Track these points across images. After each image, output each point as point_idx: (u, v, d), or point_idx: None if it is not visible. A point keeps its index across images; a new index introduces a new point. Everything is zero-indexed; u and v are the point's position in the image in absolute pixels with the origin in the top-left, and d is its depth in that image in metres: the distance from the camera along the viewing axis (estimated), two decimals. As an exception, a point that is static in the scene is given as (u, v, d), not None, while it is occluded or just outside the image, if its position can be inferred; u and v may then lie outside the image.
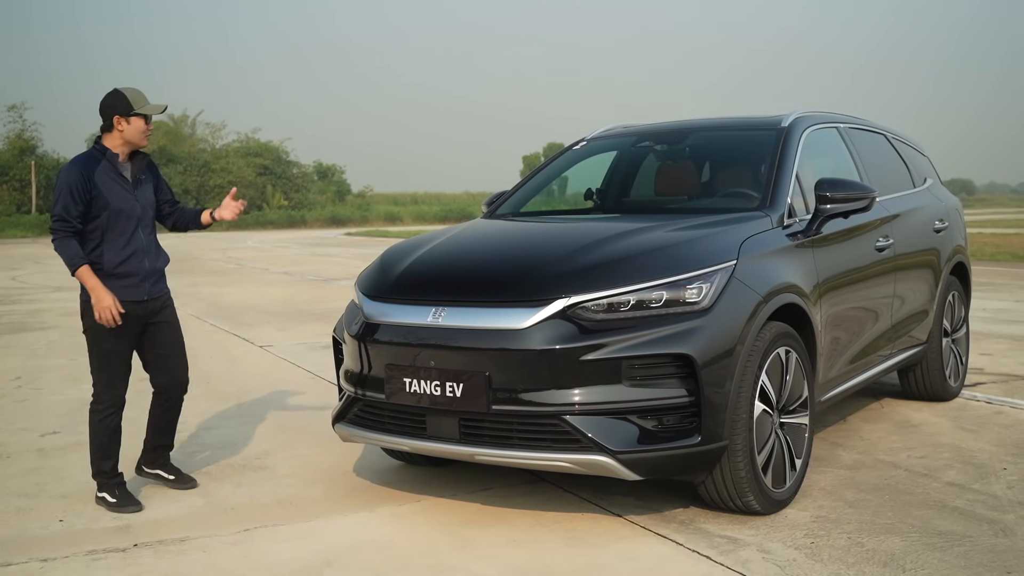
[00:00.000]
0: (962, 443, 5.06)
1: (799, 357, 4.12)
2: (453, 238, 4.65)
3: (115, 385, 4.25)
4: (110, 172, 4.19)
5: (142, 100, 4.23)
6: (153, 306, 4.32)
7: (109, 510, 4.17)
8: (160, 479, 4.49)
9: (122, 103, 4.18)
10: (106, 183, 4.17)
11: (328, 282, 16.05)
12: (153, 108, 4.24)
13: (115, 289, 4.15)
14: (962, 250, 6.40)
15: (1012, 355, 7.77)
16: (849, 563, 3.43)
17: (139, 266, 4.24)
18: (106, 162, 4.19)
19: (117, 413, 4.27)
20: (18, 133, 48.69)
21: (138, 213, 4.25)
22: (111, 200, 4.16)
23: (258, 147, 55.74)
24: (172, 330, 4.42)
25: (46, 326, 10.73)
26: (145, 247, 4.28)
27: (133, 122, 4.19)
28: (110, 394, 4.24)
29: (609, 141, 5.79)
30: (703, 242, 4.04)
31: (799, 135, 4.88)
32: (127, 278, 4.20)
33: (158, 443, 4.51)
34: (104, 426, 4.24)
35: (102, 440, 4.25)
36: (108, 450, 4.26)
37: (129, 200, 4.22)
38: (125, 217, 4.20)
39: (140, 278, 4.24)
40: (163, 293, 4.39)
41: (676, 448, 3.62)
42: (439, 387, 3.77)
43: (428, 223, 49.97)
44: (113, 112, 4.18)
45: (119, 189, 4.20)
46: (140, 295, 4.25)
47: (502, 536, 3.79)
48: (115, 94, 4.21)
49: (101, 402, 4.24)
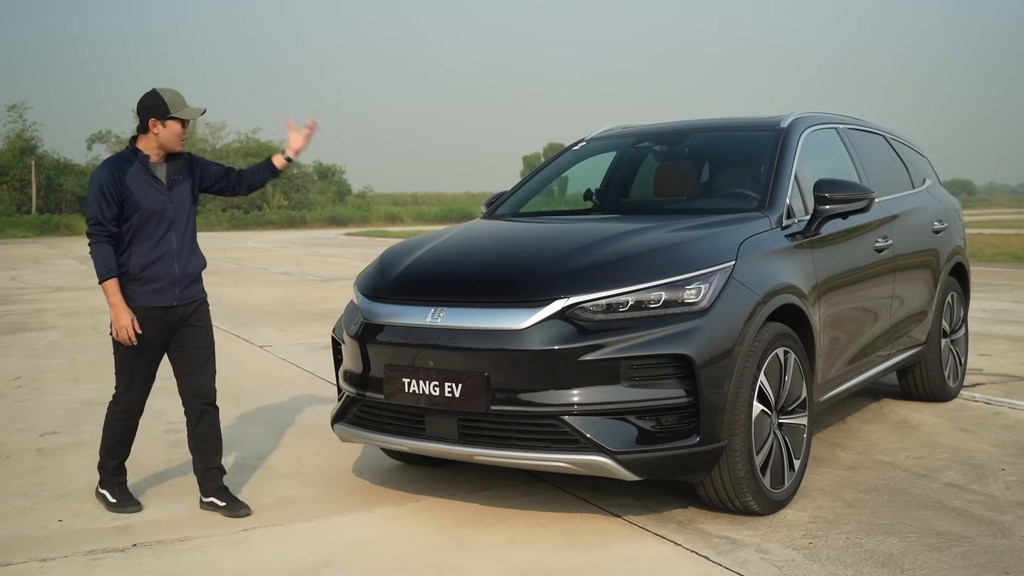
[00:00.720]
0: (961, 444, 5.06)
1: (798, 358, 4.12)
2: (452, 238, 4.65)
3: (134, 390, 4.14)
4: (142, 173, 4.03)
5: (180, 103, 4.04)
6: (183, 312, 4.13)
7: (108, 509, 4.16)
8: (214, 507, 4.17)
9: (159, 105, 4.00)
10: (137, 184, 4.01)
11: (328, 282, 16.05)
12: (191, 112, 4.07)
13: (142, 294, 4.02)
14: (961, 251, 6.40)
15: (1011, 356, 7.78)
16: (847, 563, 3.43)
17: (167, 270, 4.06)
18: (138, 163, 4.04)
19: (132, 418, 4.19)
20: (18, 133, 48.74)
21: (171, 215, 4.07)
22: (142, 201, 4.00)
23: (258, 147, 55.72)
24: (204, 335, 4.21)
25: (46, 326, 10.72)
26: (176, 250, 4.09)
27: (169, 126, 4.02)
28: (127, 398, 4.15)
29: (608, 142, 5.79)
30: (702, 243, 4.04)
31: (798, 136, 4.88)
32: (154, 283, 4.04)
33: (206, 467, 4.21)
34: (116, 428, 4.18)
35: (112, 440, 4.19)
36: (115, 450, 4.21)
37: (162, 201, 4.05)
38: (156, 219, 4.03)
39: (168, 283, 4.06)
40: (196, 298, 4.18)
41: (675, 448, 3.62)
42: (438, 387, 3.77)
43: (428, 223, 49.97)
44: (150, 114, 4.00)
45: (151, 190, 4.03)
46: (168, 301, 4.07)
47: (501, 536, 3.80)
48: (152, 95, 4.03)
49: (119, 404, 4.17)
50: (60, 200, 48.50)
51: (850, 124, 5.66)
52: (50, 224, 43.69)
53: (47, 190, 48.12)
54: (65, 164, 49.87)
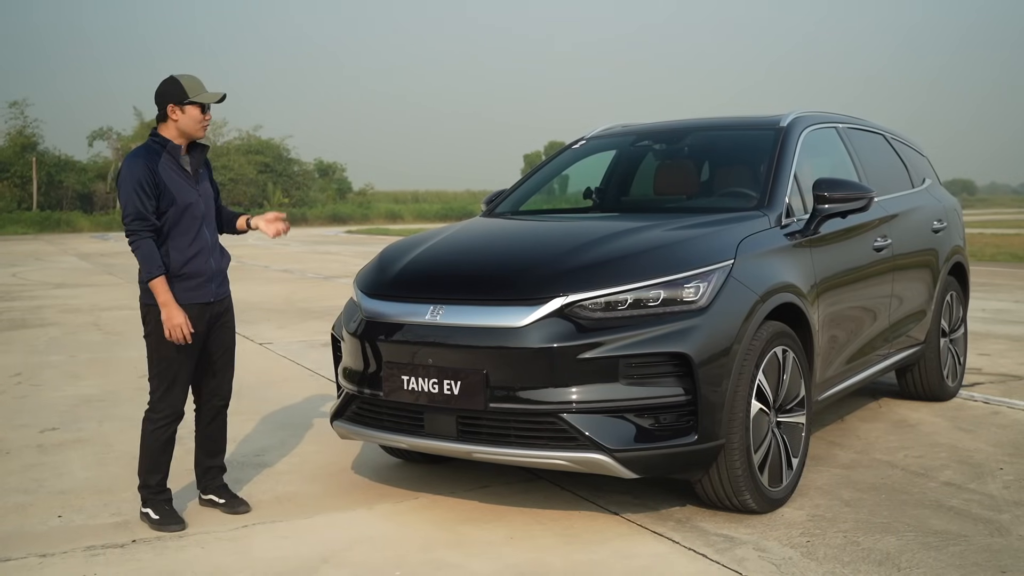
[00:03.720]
0: (959, 443, 5.07)
1: (796, 356, 4.13)
2: (452, 236, 4.66)
3: (174, 394, 3.94)
4: (172, 165, 3.89)
5: (198, 87, 3.93)
6: (218, 309, 4.03)
7: (152, 527, 3.90)
8: (212, 503, 4.14)
9: (176, 91, 3.88)
10: (171, 176, 3.87)
11: (328, 280, 16.06)
12: (210, 96, 3.94)
13: (181, 292, 3.87)
14: (960, 250, 6.41)
15: (1010, 355, 7.78)
16: (845, 562, 3.44)
17: (205, 266, 3.94)
18: (167, 154, 3.89)
19: (173, 424, 3.97)
20: (19, 129, 48.76)
21: (202, 209, 3.97)
22: (177, 195, 3.87)
23: (259, 144, 55.78)
24: (229, 336, 4.13)
25: (46, 323, 10.73)
26: (210, 245, 3.99)
27: (188, 111, 3.89)
28: (167, 404, 3.93)
29: (608, 140, 5.80)
30: (701, 241, 4.04)
31: (798, 135, 4.89)
32: (193, 279, 3.91)
33: (209, 464, 4.17)
34: (156, 437, 3.94)
35: (153, 452, 3.95)
36: (158, 463, 3.97)
37: (193, 195, 3.93)
38: (190, 214, 3.91)
39: (206, 279, 3.95)
40: (227, 295, 4.11)
41: (673, 446, 3.63)
42: (437, 385, 3.78)
43: (429, 221, 49.97)
44: (167, 100, 3.88)
45: (183, 183, 3.91)
46: (207, 297, 3.96)
47: (499, 533, 3.81)
48: (170, 81, 3.92)
49: (157, 411, 3.94)
50: (61, 197, 48.53)
51: (850, 123, 5.66)
52: (51, 221, 43.72)
53: (48, 187, 48.13)
54: (66, 161, 49.91)
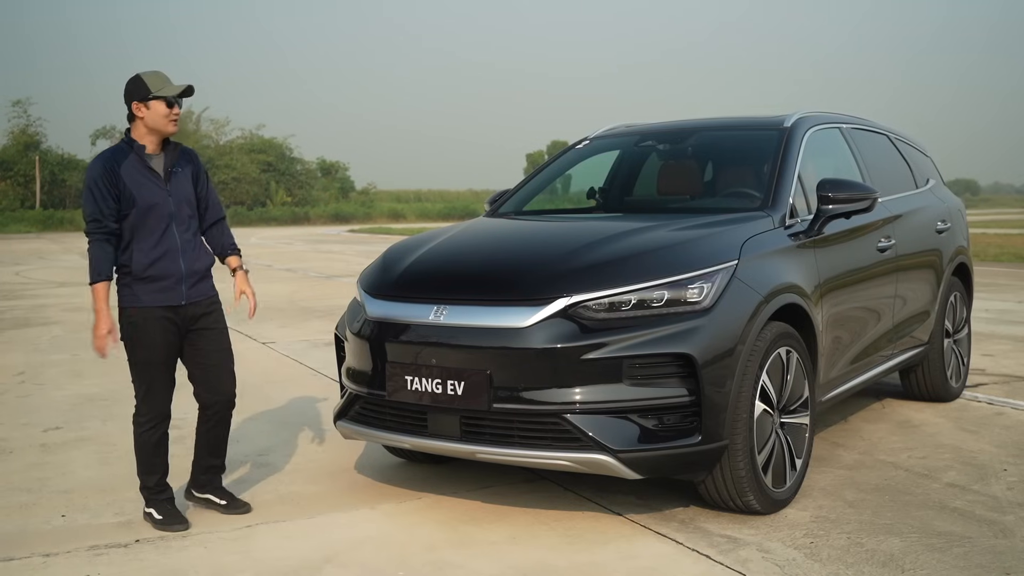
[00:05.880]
0: (963, 444, 5.06)
1: (800, 357, 4.12)
2: (455, 236, 4.66)
3: (154, 396, 3.93)
4: (137, 165, 3.86)
5: (160, 82, 3.88)
6: (193, 311, 3.95)
7: (155, 527, 3.91)
8: (210, 504, 4.13)
9: (139, 88, 3.85)
10: (133, 177, 3.84)
11: (331, 279, 16.07)
12: (173, 89, 3.88)
13: (148, 293, 3.85)
14: (964, 251, 6.40)
15: (1014, 356, 7.77)
16: (848, 563, 3.44)
17: (173, 268, 3.88)
18: (133, 155, 3.87)
19: (159, 426, 3.97)
20: (23, 128, 48.90)
21: (171, 209, 3.90)
22: (138, 196, 3.83)
23: (262, 143, 55.83)
24: (217, 338, 4.05)
25: (49, 322, 10.75)
26: (180, 246, 3.92)
27: (153, 106, 3.84)
28: (149, 406, 3.94)
29: (612, 140, 5.79)
30: (705, 242, 4.04)
31: (801, 135, 4.88)
32: (159, 281, 3.86)
33: (208, 464, 4.15)
34: (145, 440, 3.95)
35: (145, 453, 3.97)
36: (152, 464, 3.98)
37: (160, 195, 3.88)
38: (156, 215, 3.86)
39: (175, 280, 3.89)
40: (206, 297, 4.01)
41: (676, 447, 3.62)
42: (440, 385, 3.77)
43: (432, 220, 50.00)
44: (132, 98, 3.87)
45: (148, 184, 3.87)
46: (176, 299, 3.90)
47: (502, 534, 3.80)
48: (133, 79, 3.89)
49: (141, 414, 3.95)
50: (64, 196, 48.60)
51: (853, 124, 5.65)
52: (54, 219, 43.79)
53: (51, 185, 48.23)
54: (69, 159, 49.98)
